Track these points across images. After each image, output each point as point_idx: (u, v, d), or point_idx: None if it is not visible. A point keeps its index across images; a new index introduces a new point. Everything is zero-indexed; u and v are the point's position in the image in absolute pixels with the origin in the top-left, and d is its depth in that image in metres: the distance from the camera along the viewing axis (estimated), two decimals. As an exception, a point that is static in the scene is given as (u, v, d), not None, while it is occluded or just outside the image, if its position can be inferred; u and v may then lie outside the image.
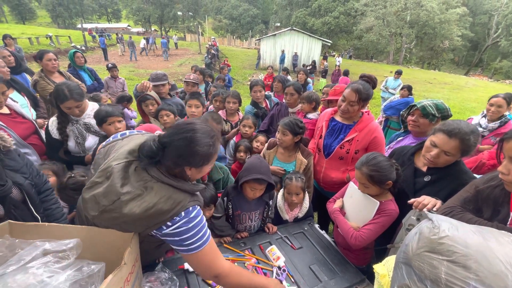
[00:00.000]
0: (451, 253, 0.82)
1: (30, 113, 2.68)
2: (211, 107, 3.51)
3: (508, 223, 1.04)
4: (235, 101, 3.06)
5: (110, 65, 5.27)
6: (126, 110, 3.73)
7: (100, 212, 1.01)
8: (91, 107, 2.25)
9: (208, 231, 1.12)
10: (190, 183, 1.12)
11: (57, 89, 2.01)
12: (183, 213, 1.03)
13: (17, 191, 1.33)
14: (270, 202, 1.87)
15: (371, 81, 2.05)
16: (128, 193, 0.99)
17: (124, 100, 3.94)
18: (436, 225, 0.88)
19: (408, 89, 5.19)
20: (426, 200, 1.37)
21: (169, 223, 1.02)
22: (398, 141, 2.20)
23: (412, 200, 1.41)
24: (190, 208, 1.06)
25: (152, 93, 3.02)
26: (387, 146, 2.26)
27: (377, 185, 1.53)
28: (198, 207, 1.10)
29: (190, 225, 1.04)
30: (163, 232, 1.03)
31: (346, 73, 8.69)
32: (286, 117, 2.18)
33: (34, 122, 2.31)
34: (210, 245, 1.10)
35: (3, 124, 1.91)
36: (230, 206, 1.80)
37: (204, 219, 1.11)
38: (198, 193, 1.15)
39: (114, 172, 1.04)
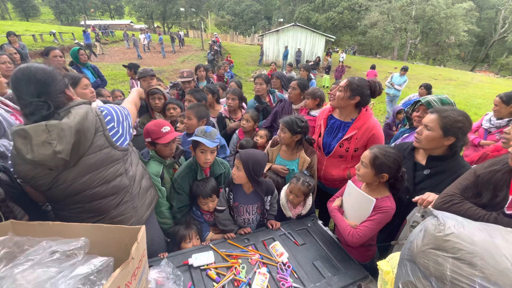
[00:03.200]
0: (457, 250, 0.82)
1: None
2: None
3: (506, 205, 1.06)
4: (234, 98, 3.04)
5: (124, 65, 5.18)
6: None
7: (50, 140, 1.06)
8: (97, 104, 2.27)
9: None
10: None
11: None
12: (102, 108, 1.30)
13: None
14: (268, 198, 1.88)
15: (373, 86, 1.99)
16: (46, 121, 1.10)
17: None
18: (441, 222, 0.88)
19: (426, 87, 5.02)
20: (430, 197, 1.37)
21: (107, 119, 1.27)
22: (404, 137, 2.19)
23: (416, 197, 1.41)
24: (102, 107, 1.32)
25: (161, 88, 3.02)
26: (393, 144, 2.25)
27: (374, 170, 1.52)
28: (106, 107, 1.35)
29: (121, 114, 1.37)
30: (116, 131, 1.30)
31: (373, 67, 10.03)
32: (289, 115, 2.17)
33: None
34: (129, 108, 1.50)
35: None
36: (231, 197, 1.84)
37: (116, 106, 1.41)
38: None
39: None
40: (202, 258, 1.51)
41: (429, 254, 0.86)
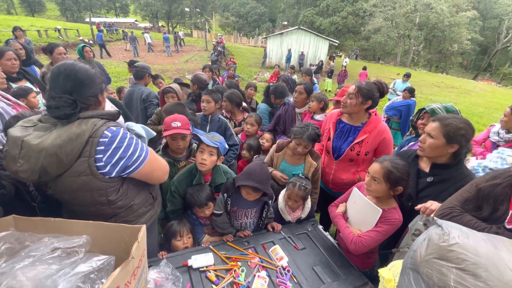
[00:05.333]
0: (461, 260, 0.81)
1: (42, 103, 2.72)
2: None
3: (507, 220, 1.05)
4: (225, 100, 3.03)
5: (129, 60, 5.23)
6: None
7: (17, 158, 1.02)
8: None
9: (144, 144, 1.30)
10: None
11: None
12: (107, 133, 1.12)
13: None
14: (269, 202, 1.84)
15: (380, 87, 2.01)
16: (30, 134, 1.04)
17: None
18: (446, 232, 0.87)
19: (409, 91, 5.15)
20: (433, 205, 1.36)
21: (99, 147, 1.09)
22: (410, 145, 2.19)
23: (419, 206, 1.40)
24: (113, 128, 1.15)
25: (174, 86, 3.04)
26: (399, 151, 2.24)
27: (389, 184, 1.49)
28: (122, 128, 1.19)
29: (124, 143, 1.16)
30: (104, 160, 1.11)
31: (365, 68, 11.81)
32: (303, 126, 2.06)
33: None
34: (151, 153, 1.31)
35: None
36: (229, 202, 1.80)
37: (134, 138, 1.23)
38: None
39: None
40: (201, 260, 1.50)
41: (432, 264, 0.85)
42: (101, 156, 1.09)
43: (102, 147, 1.09)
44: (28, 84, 2.73)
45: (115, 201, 1.23)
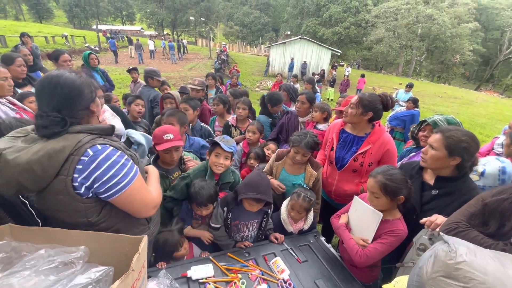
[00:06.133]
0: (469, 279, 0.79)
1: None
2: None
3: None
4: (244, 107, 3.06)
5: (130, 67, 5.44)
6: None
7: None
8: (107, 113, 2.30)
9: (134, 167, 1.13)
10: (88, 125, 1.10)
11: None
12: (89, 151, 1.01)
13: None
14: (269, 211, 1.84)
15: (385, 100, 1.98)
16: (10, 148, 0.98)
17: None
18: (452, 249, 0.85)
19: (413, 101, 5.20)
20: (438, 219, 1.33)
21: (78, 166, 0.99)
22: (411, 156, 2.17)
23: (424, 219, 1.37)
24: (98, 146, 1.03)
25: (173, 92, 3.06)
26: (399, 162, 2.22)
27: (389, 196, 1.50)
28: (111, 147, 1.07)
29: (104, 165, 1.02)
30: (79, 180, 1.00)
31: (363, 76, 12.94)
32: (301, 134, 2.06)
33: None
34: (139, 179, 1.14)
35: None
36: (229, 216, 1.78)
37: (123, 159, 1.09)
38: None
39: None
40: (201, 271, 1.48)
41: (439, 282, 0.82)
42: (77, 175, 1.00)
43: (81, 166, 0.99)
44: (33, 90, 2.76)
45: (97, 223, 1.11)
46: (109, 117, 2.23)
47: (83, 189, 1.02)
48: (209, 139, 2.07)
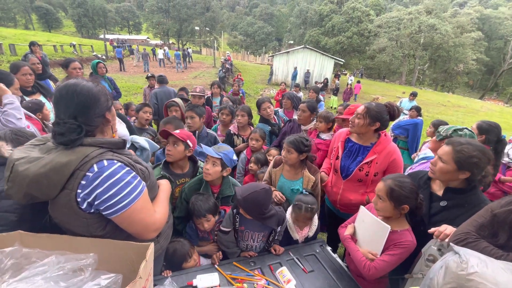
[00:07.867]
0: (481, 291, 0.77)
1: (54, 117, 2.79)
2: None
3: None
4: (243, 114, 3.07)
5: (149, 74, 5.85)
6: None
7: (6, 181, 1.00)
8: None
9: (141, 185, 1.10)
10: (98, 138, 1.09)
11: None
12: (95, 167, 1.00)
13: None
14: (278, 229, 1.79)
15: (391, 109, 1.98)
16: (24, 158, 0.99)
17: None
18: (464, 260, 0.84)
19: (417, 110, 5.21)
20: (448, 229, 1.31)
21: (82, 182, 0.98)
22: (417, 165, 2.15)
23: (433, 229, 1.35)
24: (105, 162, 1.02)
25: (177, 100, 3.10)
26: (407, 172, 2.20)
27: (393, 202, 1.48)
28: (118, 163, 1.05)
29: (108, 182, 1.00)
30: (81, 196, 0.99)
31: (358, 82, 13.49)
32: (292, 135, 2.12)
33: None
34: (143, 199, 1.09)
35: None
36: (237, 219, 1.76)
37: (129, 177, 1.06)
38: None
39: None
40: (206, 280, 1.47)
41: (451, 294, 0.81)
42: (80, 191, 0.99)
43: (84, 182, 0.98)
44: (42, 98, 2.80)
45: (103, 237, 1.10)
46: (118, 125, 2.27)
47: (85, 204, 1.01)
48: (199, 149, 2.00)
